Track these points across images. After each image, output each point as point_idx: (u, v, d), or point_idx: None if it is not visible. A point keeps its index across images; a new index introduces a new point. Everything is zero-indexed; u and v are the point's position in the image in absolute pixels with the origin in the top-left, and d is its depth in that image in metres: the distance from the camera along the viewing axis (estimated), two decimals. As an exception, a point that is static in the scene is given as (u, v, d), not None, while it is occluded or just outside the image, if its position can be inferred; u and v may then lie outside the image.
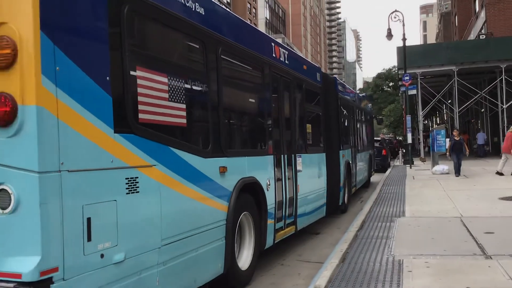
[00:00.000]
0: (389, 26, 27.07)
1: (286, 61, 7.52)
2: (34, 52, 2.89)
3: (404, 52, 25.53)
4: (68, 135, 3.07)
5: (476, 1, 39.99)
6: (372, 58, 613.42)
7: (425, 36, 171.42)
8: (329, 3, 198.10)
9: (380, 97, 60.68)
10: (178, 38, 4.67)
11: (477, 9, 40.00)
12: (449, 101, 33.51)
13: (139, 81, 3.85)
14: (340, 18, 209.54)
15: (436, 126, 49.19)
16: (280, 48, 7.36)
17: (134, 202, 3.64)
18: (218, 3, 5.52)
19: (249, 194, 5.69)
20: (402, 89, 28.66)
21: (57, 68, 3.02)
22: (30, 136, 2.88)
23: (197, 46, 4.98)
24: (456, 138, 17.31)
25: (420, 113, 29.76)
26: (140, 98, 3.84)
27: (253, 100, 6.50)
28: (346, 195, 11.09)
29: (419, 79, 27.75)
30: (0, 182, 2.94)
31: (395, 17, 26.02)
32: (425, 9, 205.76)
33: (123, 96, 3.64)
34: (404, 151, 29.75)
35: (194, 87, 4.81)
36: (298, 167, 7.63)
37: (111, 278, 3.38)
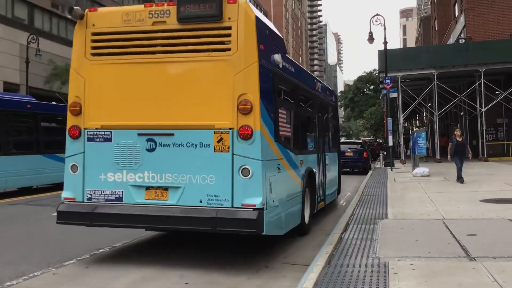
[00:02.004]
0: (370, 29, 27.25)
1: (320, 90, 10.94)
2: (258, 108, 6.16)
3: (385, 56, 25.72)
4: (265, 143, 6.29)
5: (456, 6, 40.52)
6: (352, 61, 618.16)
7: (405, 40, 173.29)
8: (310, 6, 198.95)
9: (361, 99, 61.10)
10: (292, 90, 8.20)
11: (456, 14, 40.54)
12: (429, 104, 33.87)
13: (280, 115, 7.11)
14: (321, 21, 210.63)
15: (416, 129, 49.75)
16: (318, 82, 10.94)
17: (279, 176, 6.84)
18: (308, 71, 10.23)
19: (309, 177, 8.74)
20: (383, 92, 28.95)
21: (261, 113, 6.27)
22: (257, 144, 6.13)
23: (297, 93, 8.52)
24: (459, 139, 15.57)
25: (401, 116, 30.02)
26: (280, 124, 7.07)
27: (309, 120, 9.82)
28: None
29: (399, 82, 28.03)
30: (244, 164, 6.11)
31: (376, 21, 26.21)
32: (405, 13, 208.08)
33: (276, 123, 6.83)
34: (385, 153, 29.97)
35: (293, 116, 8.03)
36: (326, 161, 10.94)
37: (275, 212, 6.57)
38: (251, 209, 6.02)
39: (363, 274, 5.58)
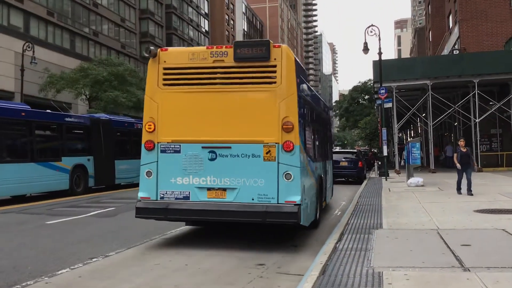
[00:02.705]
0: (365, 40, 27.33)
1: (323, 107, 12.52)
2: (297, 127, 8.01)
3: (380, 66, 25.86)
4: (301, 154, 8.09)
5: (450, 17, 40.84)
6: (347, 71, 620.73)
7: (399, 50, 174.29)
8: (306, 16, 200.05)
9: (356, 109, 61.17)
10: (310, 110, 10.00)
11: (450, 25, 40.86)
12: (423, 114, 34.05)
13: (305, 131, 8.88)
14: (316, 31, 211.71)
15: (411, 139, 49.82)
16: (321, 101, 12.58)
17: (307, 180, 8.61)
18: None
19: (320, 180, 10.82)
20: (378, 102, 29.08)
21: (299, 131, 8.18)
22: (297, 155, 7.91)
23: (313, 112, 10.37)
24: (463, 150, 15.08)
25: (395, 126, 30.11)
26: (306, 138, 8.94)
27: (318, 133, 11.29)
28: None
29: (394, 93, 28.15)
30: (287, 170, 7.88)
31: (371, 31, 26.33)
32: (400, 24, 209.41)
33: (304, 138, 8.64)
34: (379, 163, 30.01)
35: (311, 131, 9.89)
36: (327, 168, 12.80)
37: (305, 208, 8.39)
38: (293, 205, 7.93)
39: (357, 284, 5.57)
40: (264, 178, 8.03)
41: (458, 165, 15.03)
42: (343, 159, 24.91)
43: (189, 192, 8.33)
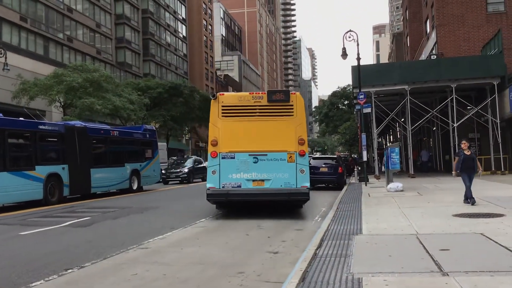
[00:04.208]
0: (343, 45, 27.60)
1: None
2: (307, 142, 13.76)
3: (359, 71, 26.11)
4: (308, 157, 14.22)
5: (427, 22, 41.51)
6: (327, 76, 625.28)
7: (378, 56, 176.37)
8: (284, 21, 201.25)
9: (336, 115, 61.68)
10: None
11: (428, 30, 41.53)
12: (402, 119, 34.47)
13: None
14: (295, 37, 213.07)
15: (390, 144, 50.36)
16: None
17: (307, 169, 13.26)
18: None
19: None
20: (357, 107, 29.29)
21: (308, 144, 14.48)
22: (307, 158, 13.26)
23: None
24: (467, 153, 13.52)
25: (375, 131, 30.41)
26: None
27: None
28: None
29: (373, 98, 28.44)
30: (302, 168, 13.10)
31: (349, 37, 26.56)
32: (378, 30, 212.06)
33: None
34: (359, 168, 30.27)
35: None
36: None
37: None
38: (306, 188, 13.05)
39: (337, 290, 5.60)
40: (288, 172, 13.05)
41: (454, 173, 13.75)
42: (323, 165, 25.08)
43: (241, 183, 13.13)
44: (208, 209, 15.40)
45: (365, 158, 26.32)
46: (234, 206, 14.95)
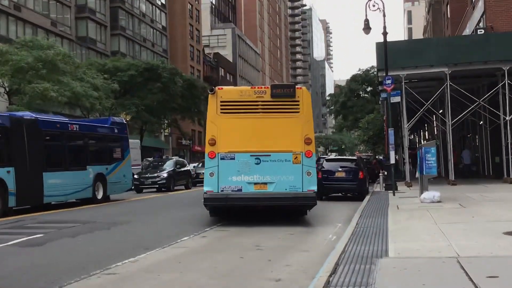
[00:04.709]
0: (366, 16, 27.54)
1: None
2: (314, 141, 15.67)
3: (385, 50, 26.02)
4: (312, 159, 15.39)
5: (473, -13, 41.36)
6: (345, 56, 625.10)
7: (410, 30, 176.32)
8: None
9: (356, 105, 61.79)
10: None
11: (473, -2, 41.39)
12: (441, 111, 34.42)
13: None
14: (305, 5, 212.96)
15: (425, 142, 50.44)
16: None
17: (314, 171, 15.39)
18: None
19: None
20: (383, 95, 29.32)
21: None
22: (314, 159, 15.51)
23: None
24: None
25: (405, 126, 30.28)
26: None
27: None
28: None
29: (403, 84, 28.37)
30: (308, 169, 15.04)
31: (374, 5, 26.46)
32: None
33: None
34: (385, 173, 30.29)
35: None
36: None
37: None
38: (313, 192, 14.88)
39: (355, 328, 5.61)
40: (293, 175, 14.82)
41: None
42: (340, 169, 25.05)
43: (242, 186, 14.87)
44: (193, 224, 15.49)
45: (393, 160, 26.29)
46: (233, 212, 16.77)
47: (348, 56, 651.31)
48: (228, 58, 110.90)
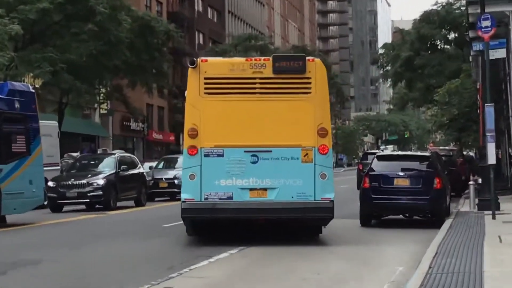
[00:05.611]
0: None
1: None
2: (330, 132, 19.80)
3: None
4: (328, 156, 19.77)
5: None
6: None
7: None
8: None
9: (429, 64, 61.33)
10: None
11: None
12: None
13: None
14: None
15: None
16: None
17: (330, 173, 20.28)
18: None
19: None
20: (476, 47, 29.25)
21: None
22: (330, 157, 20.04)
23: None
24: None
25: (515, 100, 30.34)
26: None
27: None
28: None
29: (511, 27, 28.35)
30: (322, 171, 18.92)
31: None
32: None
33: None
34: (479, 180, 30.26)
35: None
36: None
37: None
38: (329, 201, 18.36)
39: None
40: (302, 178, 17.68)
41: None
42: (401, 173, 25.05)
43: (233, 193, 17.57)
44: (146, 263, 15.41)
45: (492, 159, 26.02)
46: (219, 230, 20.15)
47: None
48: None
